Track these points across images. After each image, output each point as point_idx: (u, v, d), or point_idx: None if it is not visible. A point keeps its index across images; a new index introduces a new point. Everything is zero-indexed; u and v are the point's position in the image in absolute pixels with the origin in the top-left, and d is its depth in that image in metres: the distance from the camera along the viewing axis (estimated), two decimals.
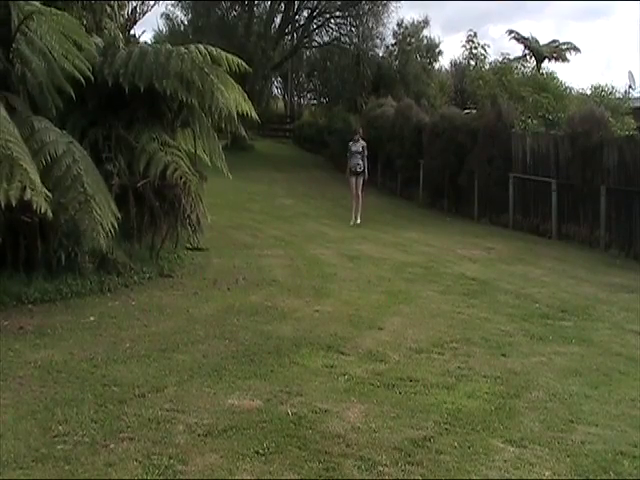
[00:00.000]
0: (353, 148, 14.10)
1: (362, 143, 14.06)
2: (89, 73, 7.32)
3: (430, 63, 28.91)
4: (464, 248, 11.25)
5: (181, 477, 3.33)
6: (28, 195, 5.29)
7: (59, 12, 7.14)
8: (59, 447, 3.56)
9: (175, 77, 7.71)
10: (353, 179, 14.00)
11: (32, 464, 3.38)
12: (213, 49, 8.27)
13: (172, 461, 3.45)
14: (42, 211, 5.40)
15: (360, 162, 13.92)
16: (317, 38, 32.38)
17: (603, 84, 17.16)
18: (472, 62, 23.49)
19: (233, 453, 3.56)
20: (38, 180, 5.48)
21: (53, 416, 3.94)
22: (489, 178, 14.94)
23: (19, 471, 3.32)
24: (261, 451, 3.59)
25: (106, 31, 9.06)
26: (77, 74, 7.18)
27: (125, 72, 7.57)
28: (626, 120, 14.44)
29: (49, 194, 5.54)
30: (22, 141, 5.87)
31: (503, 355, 5.49)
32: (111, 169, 7.54)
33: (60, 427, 3.79)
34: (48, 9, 7.01)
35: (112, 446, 3.58)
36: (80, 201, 6.19)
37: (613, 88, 16.77)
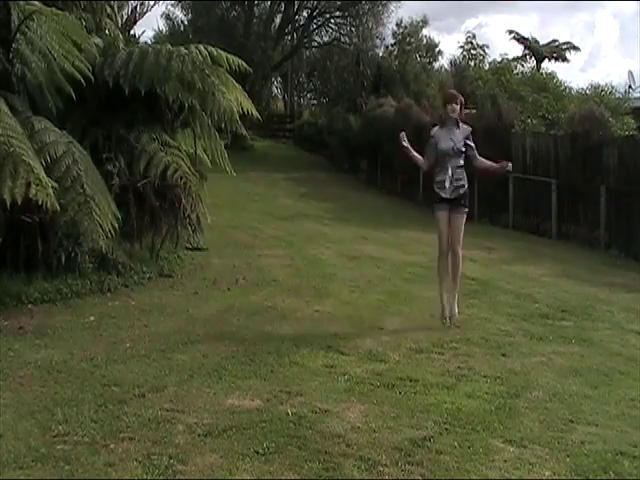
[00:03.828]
0: (444, 144, 6.25)
1: (465, 131, 6.29)
2: (89, 73, 7.32)
3: (430, 63, 28.97)
4: (464, 248, 11.21)
5: (181, 477, 3.32)
6: (33, 191, 5.29)
7: (60, 12, 7.14)
8: (59, 447, 3.56)
9: (176, 79, 7.71)
10: (444, 214, 6.37)
11: (32, 464, 3.38)
12: (213, 49, 8.25)
13: (172, 461, 3.44)
14: (48, 206, 5.40)
15: (460, 175, 6.28)
16: (317, 38, 32.51)
17: (594, 83, 17.26)
18: (471, 62, 23.59)
19: (233, 453, 3.55)
20: (43, 174, 5.48)
21: (53, 416, 3.94)
22: (489, 178, 14.94)
23: (19, 471, 3.32)
24: (261, 451, 3.58)
25: (106, 31, 9.05)
26: (77, 75, 7.17)
27: (125, 74, 7.56)
28: (626, 120, 14.47)
29: (55, 184, 5.54)
30: (25, 136, 5.87)
31: (503, 355, 5.48)
32: (111, 169, 7.54)
33: (60, 427, 3.79)
34: (49, 9, 7.00)
35: (112, 446, 3.58)
36: (79, 202, 6.19)
37: (613, 88, 16.82)
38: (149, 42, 18.63)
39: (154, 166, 7.74)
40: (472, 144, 6.31)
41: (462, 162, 6.32)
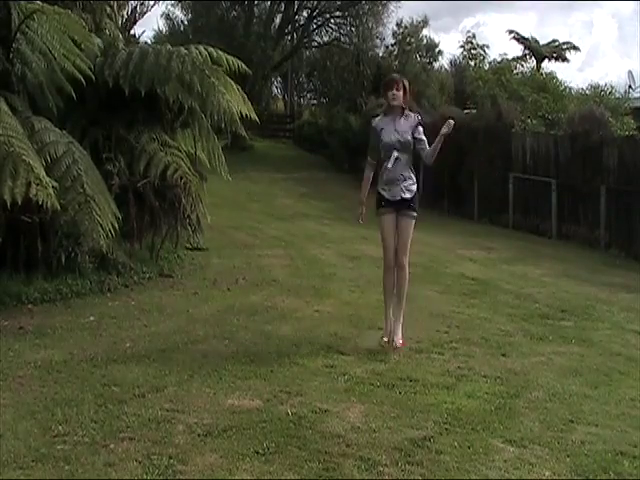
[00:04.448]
0: (387, 137, 5.47)
1: (412, 120, 5.54)
2: (90, 72, 7.32)
3: (430, 63, 28.91)
4: (464, 248, 11.25)
5: (181, 477, 3.32)
6: (33, 191, 5.30)
7: (62, 11, 7.13)
8: (59, 447, 3.55)
9: (176, 79, 7.71)
10: (391, 218, 5.60)
11: (32, 464, 3.38)
12: (213, 50, 8.27)
13: (172, 461, 3.44)
14: (49, 205, 5.40)
15: (408, 172, 5.53)
16: (317, 38, 32.40)
17: (593, 83, 17.29)
18: (471, 62, 23.60)
19: (233, 453, 3.55)
20: (43, 173, 5.48)
21: (53, 416, 3.94)
22: (489, 178, 14.96)
23: (19, 471, 3.32)
24: (261, 451, 3.58)
25: (106, 31, 9.05)
26: (78, 74, 7.18)
27: (125, 74, 7.57)
28: (626, 120, 14.48)
29: (56, 184, 5.54)
30: (25, 136, 5.87)
31: (503, 355, 5.48)
32: (111, 169, 7.54)
33: (60, 427, 3.79)
34: (51, 8, 7.00)
35: (112, 446, 3.58)
36: (80, 202, 6.20)
37: (612, 88, 16.84)
38: (149, 42, 18.66)
39: (154, 166, 7.74)
40: (422, 137, 5.47)
41: (410, 157, 5.50)
